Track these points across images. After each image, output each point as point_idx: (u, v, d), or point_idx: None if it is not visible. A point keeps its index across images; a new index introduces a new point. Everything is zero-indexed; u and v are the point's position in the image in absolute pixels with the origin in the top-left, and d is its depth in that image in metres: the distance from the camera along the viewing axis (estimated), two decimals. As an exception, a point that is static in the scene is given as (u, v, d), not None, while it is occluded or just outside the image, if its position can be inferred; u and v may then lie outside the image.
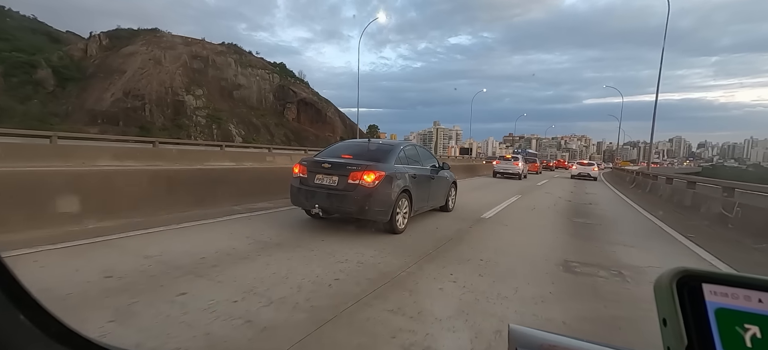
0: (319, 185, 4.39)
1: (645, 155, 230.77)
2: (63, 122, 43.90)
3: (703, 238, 5.27)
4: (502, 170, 18.37)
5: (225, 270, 2.83)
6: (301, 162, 4.68)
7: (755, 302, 0.29)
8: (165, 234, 3.84)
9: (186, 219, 4.45)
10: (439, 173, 5.91)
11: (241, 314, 2.13)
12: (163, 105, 51.78)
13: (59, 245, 3.12)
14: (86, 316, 2.01)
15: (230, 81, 62.34)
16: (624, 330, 2.31)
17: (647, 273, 3.40)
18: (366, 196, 4.13)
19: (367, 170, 4.22)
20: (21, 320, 0.43)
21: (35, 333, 0.44)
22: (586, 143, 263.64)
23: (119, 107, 48.35)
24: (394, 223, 4.42)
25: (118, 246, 3.30)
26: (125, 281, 2.51)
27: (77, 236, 3.43)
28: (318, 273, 2.89)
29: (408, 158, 5.13)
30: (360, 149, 5.14)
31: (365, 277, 2.88)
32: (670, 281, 0.31)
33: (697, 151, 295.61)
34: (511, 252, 3.88)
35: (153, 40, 59.04)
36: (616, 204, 9.42)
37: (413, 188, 4.83)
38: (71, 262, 2.80)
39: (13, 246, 2.97)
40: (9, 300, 0.43)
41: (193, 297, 2.30)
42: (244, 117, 59.70)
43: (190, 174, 5.81)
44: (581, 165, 24.37)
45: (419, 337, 1.98)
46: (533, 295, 2.70)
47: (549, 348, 0.43)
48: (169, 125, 50.27)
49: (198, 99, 55.08)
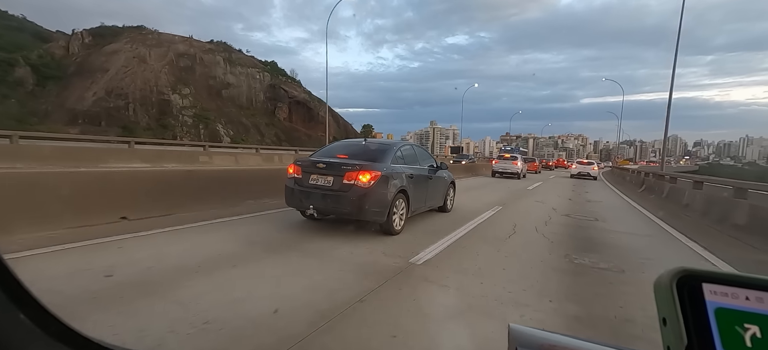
0: (314, 185, 4.32)
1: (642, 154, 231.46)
2: (42, 122, 42.23)
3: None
4: (501, 170, 18.00)
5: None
6: (296, 162, 4.61)
7: (755, 301, 0.29)
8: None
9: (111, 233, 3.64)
10: (436, 173, 5.77)
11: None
12: (148, 104, 50.10)
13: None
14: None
15: (219, 80, 60.71)
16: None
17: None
18: (361, 196, 4.06)
19: (362, 170, 4.13)
20: (21, 319, 0.43)
21: (36, 332, 0.44)
22: (583, 142, 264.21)
23: (101, 107, 46.64)
24: (390, 224, 4.32)
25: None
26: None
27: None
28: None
29: (405, 158, 5.03)
30: (356, 148, 5.03)
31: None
32: (670, 280, 0.31)
33: (693, 149, 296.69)
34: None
35: (138, 38, 57.32)
36: (635, 221, 6.75)
37: (410, 188, 4.74)
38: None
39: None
40: (9, 299, 0.43)
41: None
42: (233, 117, 58.13)
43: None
44: (581, 164, 23.78)
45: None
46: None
47: (549, 347, 0.43)
48: (154, 125, 48.62)
49: (184, 98, 53.43)
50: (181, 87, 53.89)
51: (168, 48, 57.35)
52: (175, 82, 53.95)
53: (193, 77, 57.27)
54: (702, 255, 4.48)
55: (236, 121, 57.90)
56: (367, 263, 3.29)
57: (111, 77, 49.49)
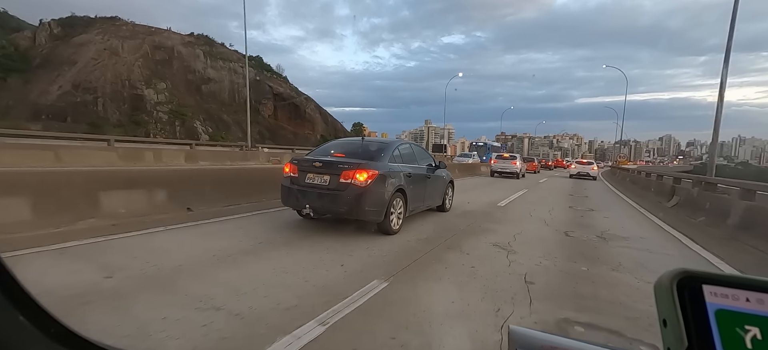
0: (310, 184, 4.33)
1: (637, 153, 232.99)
2: (2, 118, 39.13)
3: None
4: (500, 169, 18.21)
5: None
6: (292, 161, 4.63)
7: (755, 303, 0.28)
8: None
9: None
10: (435, 172, 5.78)
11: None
12: (119, 99, 46.95)
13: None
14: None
15: (198, 74, 57.69)
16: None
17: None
18: (358, 195, 4.06)
19: (359, 168, 4.15)
20: (21, 321, 0.43)
21: (35, 334, 0.45)
22: (578, 142, 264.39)
23: (67, 101, 43.47)
24: (388, 223, 4.33)
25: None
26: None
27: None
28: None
29: (403, 157, 5.02)
30: (353, 147, 5.04)
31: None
32: (671, 282, 0.30)
33: (686, 149, 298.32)
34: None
35: (111, 29, 54.07)
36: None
37: (408, 187, 4.73)
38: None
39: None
40: (9, 300, 0.43)
41: None
42: (213, 113, 55.19)
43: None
44: (580, 164, 23.31)
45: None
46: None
47: (549, 349, 0.43)
48: (126, 121, 45.55)
49: (160, 93, 50.32)
50: (156, 81, 50.75)
51: (143, 40, 54.13)
52: (149, 76, 50.79)
53: (170, 71, 54.13)
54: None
55: (216, 118, 54.98)
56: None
57: (79, 70, 46.30)
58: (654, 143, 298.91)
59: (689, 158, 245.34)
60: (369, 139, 5.44)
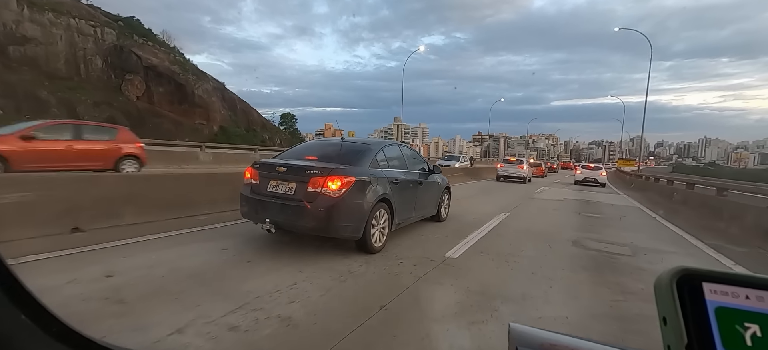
0: (273, 193, 3.70)
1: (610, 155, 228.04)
2: None
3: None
4: (507, 174, 18.23)
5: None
6: (253, 165, 3.99)
7: (755, 300, 0.28)
8: None
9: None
10: (429, 177, 5.26)
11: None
12: None
13: None
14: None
15: (8, 31, 38.56)
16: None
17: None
18: (329, 208, 3.42)
19: (331, 175, 3.50)
20: (22, 319, 0.44)
21: (36, 333, 0.45)
22: (554, 142, 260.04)
23: None
24: (368, 240, 3.68)
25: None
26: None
27: None
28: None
29: (389, 161, 4.44)
30: (330, 149, 4.32)
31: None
32: (670, 279, 0.30)
33: (655, 150, 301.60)
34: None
35: None
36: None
37: (395, 196, 4.13)
38: None
39: None
40: (10, 299, 0.43)
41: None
42: (27, 88, 36.22)
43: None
44: (586, 169, 20.24)
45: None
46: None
47: (549, 346, 0.43)
48: None
49: None
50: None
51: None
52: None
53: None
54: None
55: (30, 94, 36.01)
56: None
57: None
58: (626, 143, 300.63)
59: (659, 159, 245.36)
60: (350, 140, 4.77)
